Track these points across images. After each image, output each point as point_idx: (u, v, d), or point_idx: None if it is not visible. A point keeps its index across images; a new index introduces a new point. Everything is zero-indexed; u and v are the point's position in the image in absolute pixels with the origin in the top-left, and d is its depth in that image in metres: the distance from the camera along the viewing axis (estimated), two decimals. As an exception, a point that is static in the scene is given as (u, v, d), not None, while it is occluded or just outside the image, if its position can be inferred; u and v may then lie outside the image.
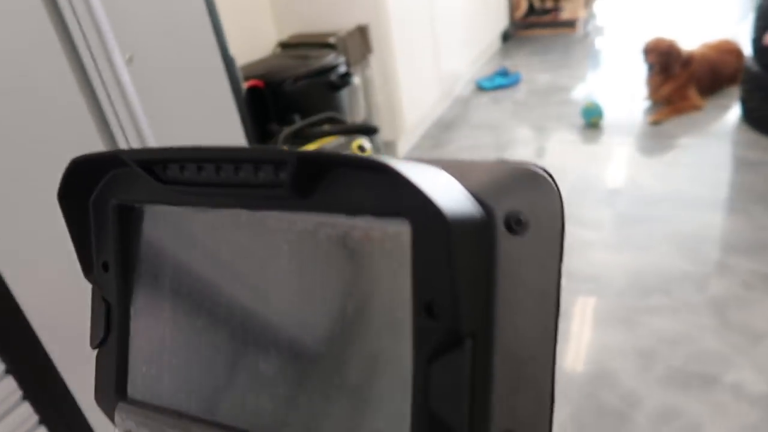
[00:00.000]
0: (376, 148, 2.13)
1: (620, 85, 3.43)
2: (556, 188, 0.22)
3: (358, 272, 0.23)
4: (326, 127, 2.02)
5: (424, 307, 0.21)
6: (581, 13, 4.46)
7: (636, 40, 3.47)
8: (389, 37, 2.65)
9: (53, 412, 1.10)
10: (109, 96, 1.23)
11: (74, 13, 1.16)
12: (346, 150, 1.98)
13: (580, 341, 1.69)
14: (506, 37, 4.52)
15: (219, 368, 0.27)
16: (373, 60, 2.69)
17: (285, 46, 2.64)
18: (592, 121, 2.93)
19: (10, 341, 1.03)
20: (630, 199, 2.32)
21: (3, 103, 1.04)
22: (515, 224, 0.21)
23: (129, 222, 0.30)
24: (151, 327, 0.29)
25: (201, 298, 0.28)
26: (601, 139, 2.86)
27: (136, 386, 0.30)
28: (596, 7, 4.76)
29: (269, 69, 2.25)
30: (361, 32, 2.59)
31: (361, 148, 1.98)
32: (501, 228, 0.21)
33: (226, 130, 1.62)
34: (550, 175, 0.22)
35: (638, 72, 3.17)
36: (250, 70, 2.23)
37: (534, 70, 3.87)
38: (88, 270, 0.31)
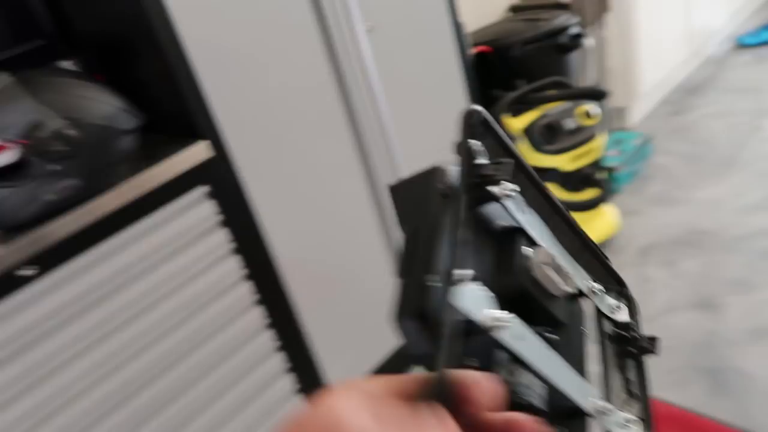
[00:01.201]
0: (605, 115, 2.01)
1: None
2: None
3: None
4: (551, 93, 1.97)
5: None
6: None
7: None
8: (631, -8, 2.44)
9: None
10: (350, 62, 1.37)
11: (325, -9, 1.31)
12: (570, 116, 1.91)
13: None
14: (783, -18, 3.81)
15: None
16: (612, 18, 2.50)
17: (516, 9, 2.60)
18: None
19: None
20: None
21: (264, 69, 1.24)
22: None
23: None
24: None
25: None
26: None
27: None
28: None
29: (498, 34, 2.25)
30: (599, -11, 2.43)
31: (587, 114, 1.89)
32: None
33: (452, 95, 1.68)
34: None
35: None
36: (480, 36, 2.25)
37: (817, 21, 3.22)
38: None
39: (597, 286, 0.39)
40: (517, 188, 0.31)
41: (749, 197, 2.02)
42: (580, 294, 0.38)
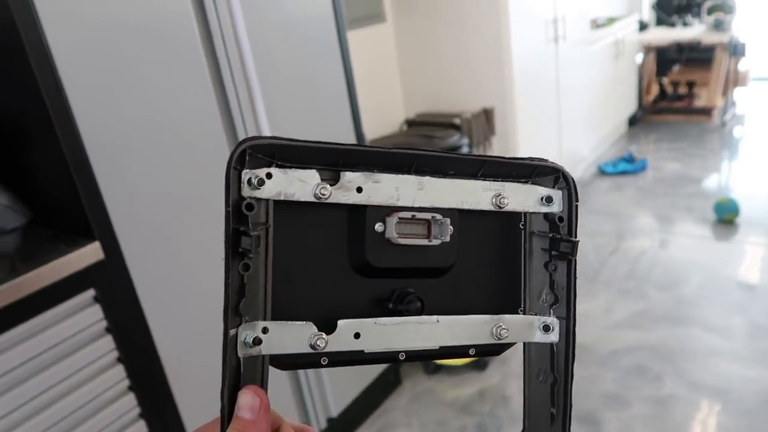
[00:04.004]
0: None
1: (760, 179, 3.21)
2: None
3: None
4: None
5: None
6: (718, 101, 4.27)
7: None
8: (514, 120, 2.70)
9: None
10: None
11: (237, 99, 1.32)
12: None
13: (700, 461, 1.56)
14: (633, 121, 4.42)
15: None
16: (495, 141, 2.75)
17: (411, 123, 2.78)
18: (726, 217, 2.76)
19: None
20: (767, 308, 2.13)
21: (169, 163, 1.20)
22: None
23: None
24: None
25: None
26: (735, 237, 2.68)
27: None
28: (736, 95, 4.55)
29: (396, 145, 2.36)
30: (487, 114, 2.67)
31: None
32: None
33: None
34: None
35: (781, 168, 2.97)
36: (378, 145, 2.36)
37: (662, 157, 3.74)
38: None
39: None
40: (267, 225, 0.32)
41: (617, 314, 2.21)
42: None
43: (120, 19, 1.09)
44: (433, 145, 2.32)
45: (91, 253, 1.05)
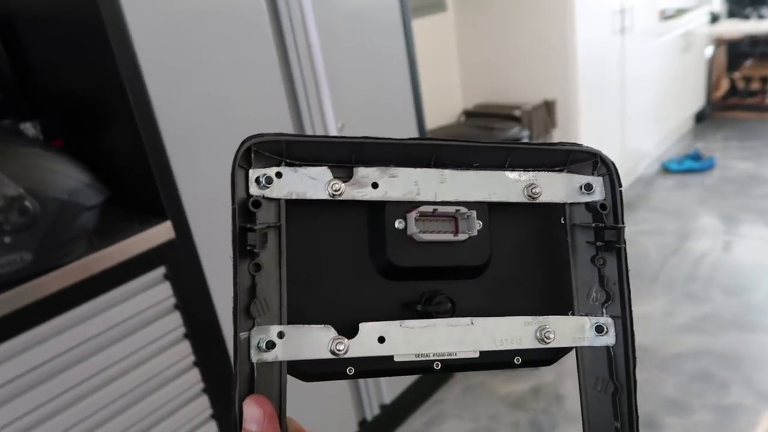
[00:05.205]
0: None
1: (839, 182, 3.03)
2: None
3: None
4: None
5: None
6: (794, 98, 4.05)
7: None
8: (576, 112, 2.63)
9: None
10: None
11: (304, 85, 1.33)
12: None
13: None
14: (701, 117, 4.24)
15: None
16: (556, 134, 2.68)
17: (469, 114, 2.74)
18: (800, 220, 2.62)
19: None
20: (843, 317, 2.01)
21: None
22: None
23: None
24: None
25: None
26: (810, 243, 2.54)
27: None
28: (813, 92, 4.29)
29: (454, 137, 2.35)
30: (548, 107, 2.61)
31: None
32: None
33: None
34: None
35: None
36: (436, 136, 2.35)
37: (731, 156, 3.57)
38: None
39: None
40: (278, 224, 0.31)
41: (679, 317, 2.13)
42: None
43: (195, 4, 1.11)
44: (493, 136, 2.29)
45: (163, 232, 1.08)
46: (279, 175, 0.31)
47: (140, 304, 1.05)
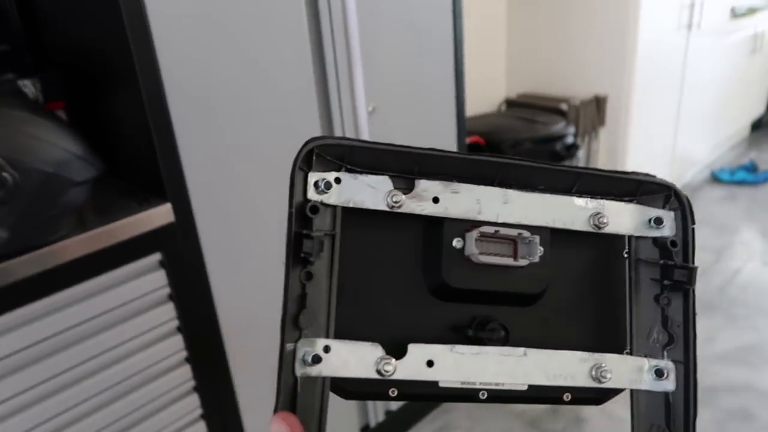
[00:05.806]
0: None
1: None
2: None
3: None
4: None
5: None
6: None
7: None
8: (627, 111, 2.44)
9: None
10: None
11: (335, 59, 1.20)
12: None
13: None
14: (757, 125, 3.98)
15: None
16: (603, 132, 2.50)
17: (512, 104, 2.57)
18: None
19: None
20: None
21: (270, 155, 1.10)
22: None
23: None
24: None
25: None
26: None
27: None
28: None
29: (492, 127, 2.19)
30: (598, 102, 2.43)
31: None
32: None
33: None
34: None
35: None
36: (474, 125, 2.19)
37: (789, 170, 3.33)
38: None
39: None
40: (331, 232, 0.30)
41: (720, 344, 1.97)
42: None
43: (218, -40, 0.98)
44: (535, 130, 2.13)
45: (161, 214, 0.97)
46: (338, 180, 0.30)
47: (130, 292, 0.95)
